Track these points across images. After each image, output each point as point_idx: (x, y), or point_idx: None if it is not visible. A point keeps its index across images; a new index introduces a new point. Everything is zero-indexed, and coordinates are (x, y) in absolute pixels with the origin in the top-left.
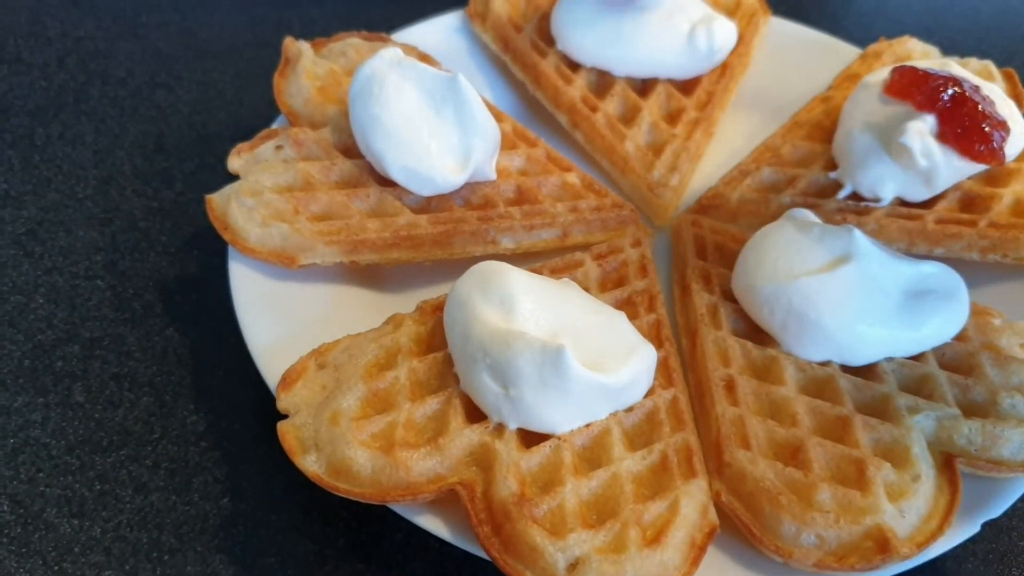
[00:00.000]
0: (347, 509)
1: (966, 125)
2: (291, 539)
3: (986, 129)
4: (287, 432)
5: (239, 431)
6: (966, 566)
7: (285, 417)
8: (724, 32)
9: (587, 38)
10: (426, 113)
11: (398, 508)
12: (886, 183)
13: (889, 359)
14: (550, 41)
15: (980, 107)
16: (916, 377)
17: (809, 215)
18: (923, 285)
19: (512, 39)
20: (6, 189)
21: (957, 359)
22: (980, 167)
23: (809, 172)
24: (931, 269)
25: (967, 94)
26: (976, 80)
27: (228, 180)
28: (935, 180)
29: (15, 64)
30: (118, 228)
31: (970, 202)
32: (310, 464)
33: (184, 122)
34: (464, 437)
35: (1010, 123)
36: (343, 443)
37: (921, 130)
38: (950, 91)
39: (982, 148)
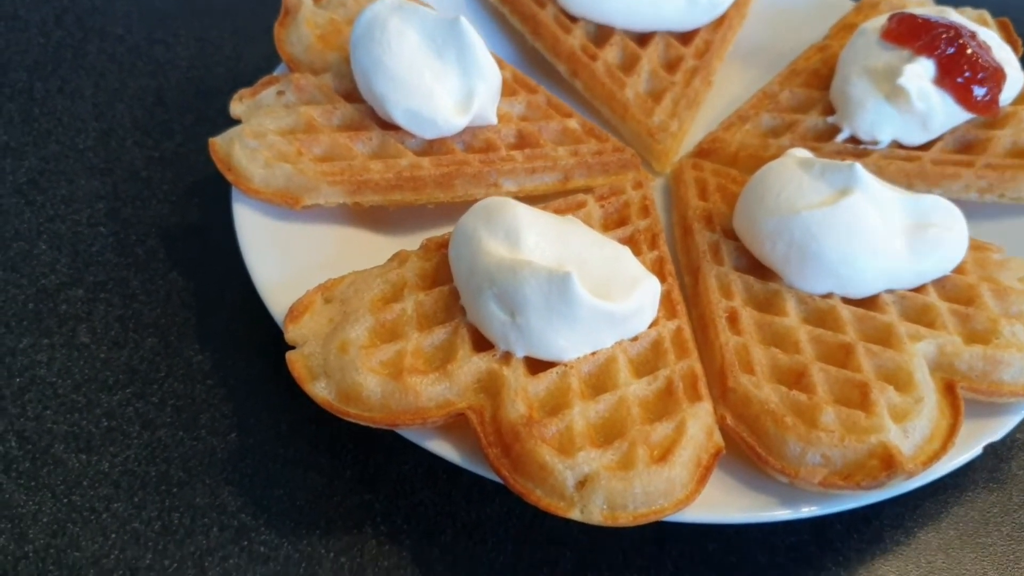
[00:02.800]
0: (354, 441)
1: (965, 75)
2: (299, 472)
3: (984, 79)
4: (296, 361)
5: (244, 369)
6: (967, 494)
7: (292, 351)
8: None
9: None
10: (428, 56)
11: (407, 433)
12: (884, 126)
13: (890, 291)
14: None
15: (979, 58)
16: (917, 307)
17: (809, 154)
18: (923, 218)
19: None
20: (6, 141)
21: (957, 291)
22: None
23: (807, 117)
24: (931, 202)
25: (966, 43)
26: (973, 26)
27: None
28: (931, 123)
29: (12, 21)
30: (119, 178)
31: (967, 144)
32: (320, 390)
33: (183, 77)
34: (472, 364)
35: (1007, 68)
36: (352, 369)
37: (919, 73)
38: (951, 41)
39: (979, 98)
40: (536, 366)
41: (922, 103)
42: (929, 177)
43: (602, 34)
